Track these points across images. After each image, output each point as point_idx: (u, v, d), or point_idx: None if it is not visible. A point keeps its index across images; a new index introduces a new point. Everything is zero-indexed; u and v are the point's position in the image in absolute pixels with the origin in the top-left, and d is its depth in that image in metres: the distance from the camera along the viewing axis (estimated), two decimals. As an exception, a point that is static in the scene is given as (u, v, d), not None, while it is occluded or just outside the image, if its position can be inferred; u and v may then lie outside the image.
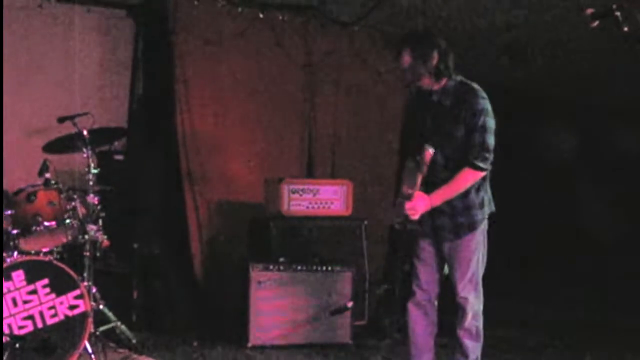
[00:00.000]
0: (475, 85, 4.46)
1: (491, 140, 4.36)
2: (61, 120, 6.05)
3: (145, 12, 7.14)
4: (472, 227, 4.47)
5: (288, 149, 7.40)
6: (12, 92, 6.44)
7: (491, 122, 4.37)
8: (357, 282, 6.15)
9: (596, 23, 3.42)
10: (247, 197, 7.03)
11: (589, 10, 3.41)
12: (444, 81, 4.46)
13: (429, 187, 4.40)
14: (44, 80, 6.79)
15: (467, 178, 4.37)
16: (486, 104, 4.38)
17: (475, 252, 4.49)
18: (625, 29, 3.30)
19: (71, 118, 5.98)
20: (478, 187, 4.47)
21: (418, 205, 4.36)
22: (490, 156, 4.37)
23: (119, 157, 6.21)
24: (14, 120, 6.44)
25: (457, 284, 4.50)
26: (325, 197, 6.37)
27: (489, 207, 4.57)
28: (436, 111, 4.48)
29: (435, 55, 4.41)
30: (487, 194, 4.56)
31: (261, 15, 7.21)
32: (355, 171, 7.37)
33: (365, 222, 6.45)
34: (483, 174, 4.41)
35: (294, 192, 6.29)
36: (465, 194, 4.43)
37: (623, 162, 8.64)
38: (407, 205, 4.36)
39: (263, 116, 7.29)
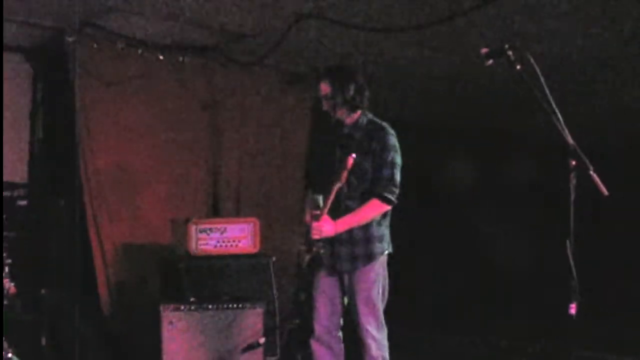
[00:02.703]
0: (385, 124, 4.69)
1: (399, 177, 4.57)
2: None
3: (43, 56, 7.10)
4: (370, 257, 4.60)
5: (193, 188, 7.43)
6: None
7: (399, 159, 4.60)
8: (267, 318, 6.21)
9: (490, 62, 3.65)
10: (154, 238, 7.03)
11: (484, 50, 3.64)
12: (356, 115, 4.69)
13: (334, 215, 4.56)
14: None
15: (374, 209, 4.55)
16: (395, 141, 4.62)
17: (374, 283, 4.62)
18: (518, 67, 3.53)
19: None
20: (379, 222, 4.64)
21: (323, 226, 4.52)
22: (397, 191, 4.56)
23: (23, 202, 6.12)
24: None
25: (357, 315, 4.62)
26: (233, 236, 6.43)
27: (388, 244, 4.72)
28: (346, 143, 4.66)
29: (352, 88, 4.64)
30: (387, 231, 4.72)
31: (161, 57, 7.26)
32: (261, 208, 7.48)
33: (273, 259, 6.53)
34: (389, 207, 4.59)
35: (201, 232, 6.33)
36: (367, 226, 4.58)
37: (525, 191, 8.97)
38: (314, 224, 4.53)
39: (167, 156, 7.31)
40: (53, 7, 6.29)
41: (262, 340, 5.94)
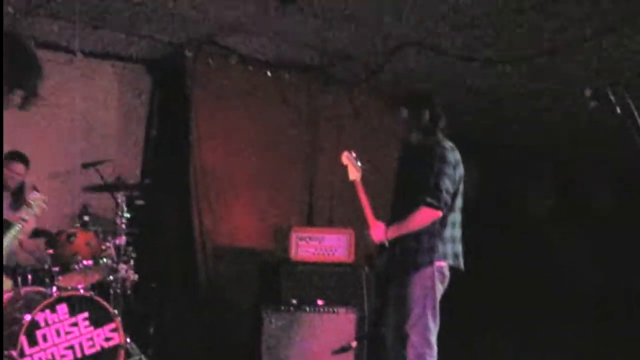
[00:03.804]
0: (442, 138, 4.91)
1: (445, 184, 4.74)
2: (86, 166, 6.57)
3: (163, 68, 7.65)
4: (416, 267, 4.79)
5: (290, 197, 7.92)
6: (38, 137, 6.88)
7: (446, 168, 4.77)
8: (358, 325, 6.60)
9: (594, 103, 3.96)
10: (252, 242, 7.53)
11: (588, 92, 3.95)
12: (428, 142, 4.91)
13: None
14: (69, 127, 7.22)
15: (420, 215, 4.74)
16: (444, 152, 4.82)
17: (420, 291, 4.78)
18: (618, 109, 3.85)
19: (94, 165, 6.51)
20: (432, 233, 4.80)
21: (374, 232, 4.96)
22: (443, 197, 4.73)
23: (140, 202, 6.62)
24: (39, 163, 6.65)
25: (402, 324, 4.82)
26: (330, 245, 6.84)
27: (443, 256, 4.83)
28: (409, 161, 5.01)
29: (427, 115, 4.93)
30: (445, 244, 4.85)
31: (269, 74, 7.78)
32: (352, 220, 7.86)
33: (366, 269, 6.91)
34: (436, 212, 4.73)
35: (301, 240, 6.77)
36: (418, 236, 4.79)
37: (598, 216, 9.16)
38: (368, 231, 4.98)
39: (268, 166, 7.80)
40: (175, 24, 6.82)
41: (354, 344, 6.36)
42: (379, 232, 4.95)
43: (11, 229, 3.71)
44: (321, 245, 6.81)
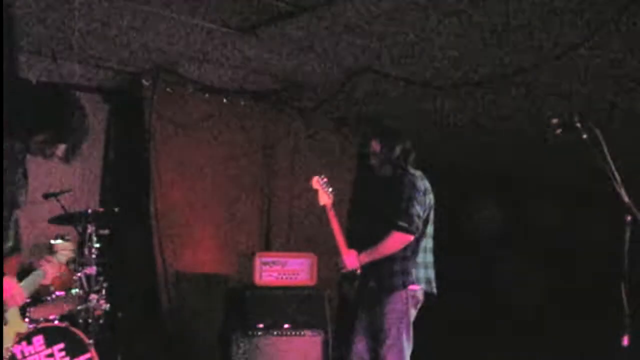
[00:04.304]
0: (411, 169, 5.14)
1: (415, 209, 4.93)
2: (46, 196, 6.55)
3: (119, 97, 7.69)
4: (390, 291, 4.95)
5: (248, 223, 8.01)
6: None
7: (415, 194, 4.97)
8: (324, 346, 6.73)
9: (559, 131, 4.15)
10: (215, 269, 7.59)
11: (555, 120, 4.15)
12: (398, 172, 5.15)
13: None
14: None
15: (394, 239, 4.93)
16: (414, 180, 5.04)
17: (394, 315, 4.95)
18: (584, 136, 4.05)
19: (54, 195, 6.49)
20: (404, 256, 4.99)
21: (346, 259, 5.08)
22: (414, 221, 4.92)
23: (105, 231, 6.62)
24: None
25: (377, 347, 4.97)
26: (293, 269, 6.95)
27: (416, 280, 5.00)
28: (377, 189, 5.20)
29: (398, 150, 5.14)
30: (418, 269, 5.03)
31: (225, 101, 7.89)
32: (309, 243, 8.00)
33: (328, 292, 7.04)
34: (409, 236, 4.92)
35: (265, 264, 6.87)
36: (391, 261, 4.96)
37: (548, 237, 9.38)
38: (341, 257, 5.08)
39: (226, 193, 7.90)
40: (132, 54, 6.89)
41: (322, 366, 6.49)
42: (351, 258, 5.06)
43: (31, 274, 3.75)
44: (284, 270, 6.92)
